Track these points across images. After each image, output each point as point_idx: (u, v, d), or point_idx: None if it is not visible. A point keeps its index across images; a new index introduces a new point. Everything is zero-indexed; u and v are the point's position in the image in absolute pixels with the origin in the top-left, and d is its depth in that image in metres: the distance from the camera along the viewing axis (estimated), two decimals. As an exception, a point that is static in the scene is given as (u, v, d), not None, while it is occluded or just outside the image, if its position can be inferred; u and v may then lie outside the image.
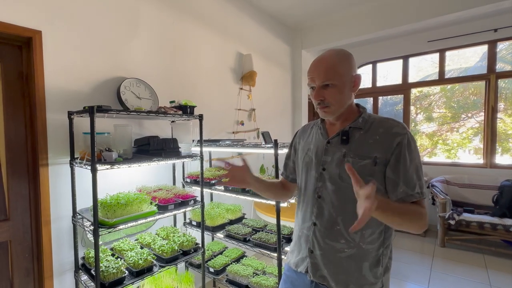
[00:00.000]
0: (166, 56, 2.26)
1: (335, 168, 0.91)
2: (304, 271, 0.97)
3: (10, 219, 1.54)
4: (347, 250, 0.90)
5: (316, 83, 0.91)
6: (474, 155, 4.08)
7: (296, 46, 3.95)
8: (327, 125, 1.01)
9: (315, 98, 0.92)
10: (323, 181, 0.94)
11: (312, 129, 1.08)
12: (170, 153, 1.79)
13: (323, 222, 0.93)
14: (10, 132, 1.54)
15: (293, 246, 1.07)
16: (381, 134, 0.88)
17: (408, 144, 0.85)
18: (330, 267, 0.92)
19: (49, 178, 1.61)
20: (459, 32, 3.80)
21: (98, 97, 1.82)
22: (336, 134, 0.95)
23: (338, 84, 0.89)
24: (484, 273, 2.81)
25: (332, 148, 0.94)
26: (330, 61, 0.90)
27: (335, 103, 0.91)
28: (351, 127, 0.93)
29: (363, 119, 0.93)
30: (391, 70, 4.63)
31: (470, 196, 3.67)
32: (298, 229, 1.03)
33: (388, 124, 0.89)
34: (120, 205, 1.51)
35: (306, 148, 1.04)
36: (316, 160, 0.97)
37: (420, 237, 3.80)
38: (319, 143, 0.99)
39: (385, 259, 0.93)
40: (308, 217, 0.98)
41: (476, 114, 4.06)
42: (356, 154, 0.89)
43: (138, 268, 1.57)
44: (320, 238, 0.93)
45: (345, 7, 3.34)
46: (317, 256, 0.94)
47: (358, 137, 0.91)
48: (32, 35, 1.53)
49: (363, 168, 0.87)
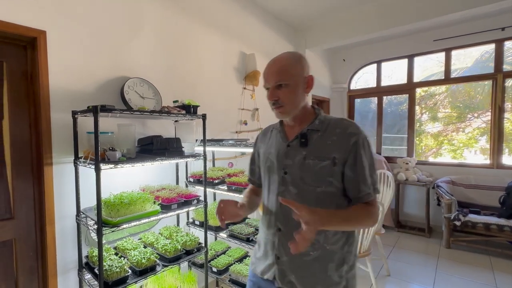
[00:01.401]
0: (170, 55, 2.26)
1: (297, 171, 0.92)
2: (271, 278, 0.96)
3: (14, 218, 1.55)
4: (312, 253, 0.91)
5: (270, 84, 0.94)
6: (480, 155, 4.03)
7: (300, 45, 3.93)
8: (286, 127, 1.02)
9: (269, 98, 0.95)
10: (285, 185, 0.94)
11: (272, 133, 1.08)
12: (173, 153, 1.79)
13: (288, 227, 0.92)
14: (15, 132, 1.55)
15: (258, 253, 1.05)
16: (338, 134, 0.91)
17: (363, 143, 0.89)
18: (297, 272, 0.92)
19: (53, 177, 1.62)
20: (465, 30, 3.76)
21: (102, 97, 1.83)
22: (295, 137, 0.96)
23: (291, 84, 0.92)
24: (491, 275, 2.77)
25: (293, 151, 0.95)
26: (283, 62, 0.94)
27: (289, 102, 0.93)
28: (309, 129, 0.95)
29: (320, 120, 0.96)
30: (395, 70, 4.59)
31: (476, 197, 3.62)
32: (264, 235, 1.02)
33: (343, 125, 0.92)
34: (124, 204, 1.52)
35: (268, 152, 1.04)
36: (278, 163, 0.97)
37: (425, 238, 3.77)
38: (279, 147, 0.99)
39: (350, 257, 0.94)
40: (272, 223, 0.97)
41: (482, 114, 4.01)
42: (316, 156, 0.90)
43: (141, 267, 1.57)
44: (286, 243, 0.91)
45: (349, 6, 3.32)
46: (284, 262, 0.94)
47: (316, 139, 0.93)
48: (36, 35, 1.54)
49: (323, 169, 0.89)
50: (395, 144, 4.68)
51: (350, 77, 4.97)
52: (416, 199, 4.20)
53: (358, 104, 5.04)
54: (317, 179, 0.89)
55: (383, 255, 2.84)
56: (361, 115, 5.06)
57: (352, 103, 5.02)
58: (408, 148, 4.39)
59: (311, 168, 0.90)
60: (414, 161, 4.13)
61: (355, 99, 5.01)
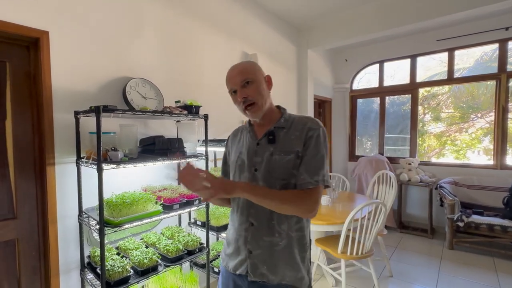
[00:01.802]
0: (172, 56, 2.27)
1: (266, 166, 0.99)
2: (244, 273, 1.01)
3: (17, 218, 1.56)
4: (281, 242, 0.98)
5: (237, 84, 1.00)
6: (484, 156, 4.00)
7: (302, 45, 3.93)
8: (255, 127, 1.09)
9: (239, 97, 0.99)
10: (256, 181, 1.00)
11: (242, 134, 1.15)
12: (175, 153, 1.79)
13: (260, 221, 0.99)
14: (18, 132, 1.56)
15: (228, 250, 1.09)
16: (300, 130, 1.00)
17: (318, 137, 0.97)
18: (269, 263, 0.98)
19: (56, 177, 1.63)
20: (469, 30, 3.74)
21: (104, 97, 1.84)
22: (264, 135, 1.03)
23: (257, 80, 1.00)
24: (494, 276, 2.75)
25: (262, 149, 1.02)
26: (243, 65, 1.03)
27: (259, 97, 1.00)
28: (275, 127, 1.02)
29: (285, 119, 1.04)
30: (398, 70, 4.57)
31: (479, 197, 3.59)
32: (235, 232, 1.06)
33: (304, 121, 1.02)
34: (126, 204, 1.52)
35: (238, 152, 1.09)
36: (248, 161, 1.03)
37: (427, 239, 3.75)
38: (250, 145, 1.06)
39: (307, 239, 1.04)
40: (244, 219, 1.02)
41: (485, 114, 3.98)
42: (282, 151, 0.98)
43: (143, 267, 1.57)
44: (258, 236, 0.99)
45: (352, 6, 3.31)
46: (256, 255, 0.99)
47: (282, 135, 1.01)
48: (39, 35, 1.54)
49: (289, 162, 0.96)
50: (397, 144, 4.66)
51: (353, 77, 4.96)
52: (418, 199, 4.18)
53: (360, 104, 5.02)
54: (283, 172, 0.96)
55: (385, 256, 2.82)
56: (363, 115, 5.04)
57: (354, 103, 5.00)
58: (410, 148, 4.37)
59: (278, 162, 0.97)
60: (416, 161, 4.11)
61: (357, 99, 4.99)
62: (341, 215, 2.45)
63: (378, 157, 4.25)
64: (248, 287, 1.01)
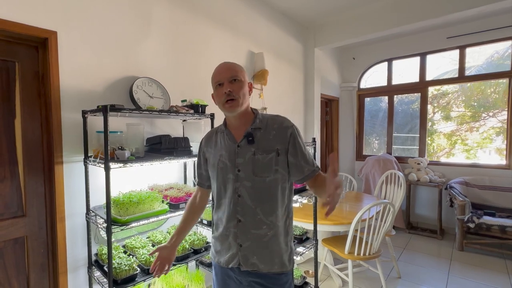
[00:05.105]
0: (178, 55, 2.27)
1: (249, 166, 1.05)
2: (236, 266, 1.09)
3: (26, 215, 1.58)
4: (269, 233, 1.06)
5: (226, 78, 1.06)
6: (496, 155, 3.91)
7: (309, 44, 3.89)
8: (232, 130, 1.13)
9: (224, 90, 1.05)
10: (240, 181, 1.07)
11: (217, 136, 1.19)
12: (181, 152, 1.79)
13: (247, 217, 1.06)
14: (27, 131, 1.58)
15: (218, 247, 1.15)
16: (276, 129, 1.08)
17: (297, 133, 1.09)
18: (258, 253, 1.06)
19: (64, 176, 1.64)
20: (480, 27, 3.65)
21: (111, 96, 1.85)
22: (244, 136, 1.09)
23: (242, 81, 1.08)
24: (506, 278, 2.68)
25: (243, 150, 1.08)
26: (233, 64, 1.10)
27: (241, 96, 1.06)
28: (253, 128, 1.08)
29: (259, 119, 1.11)
30: (406, 68, 4.49)
31: (491, 198, 3.51)
32: (224, 229, 1.12)
33: (278, 121, 1.11)
34: (133, 203, 1.53)
35: (218, 155, 1.13)
36: (231, 163, 1.09)
37: (437, 240, 3.68)
38: (230, 148, 1.10)
39: (291, 227, 1.14)
40: (232, 216, 1.09)
41: (498, 113, 3.88)
42: (263, 150, 1.05)
43: (150, 265, 1.57)
44: (247, 231, 1.06)
45: (360, 4, 3.26)
46: (246, 248, 1.07)
47: (260, 136, 1.08)
48: (48, 35, 1.56)
49: (271, 160, 1.05)
50: (406, 144, 4.59)
51: (360, 76, 4.90)
52: (427, 200, 4.11)
53: (367, 103, 4.96)
54: (266, 169, 1.04)
55: (393, 257, 2.78)
56: (371, 114, 4.98)
57: (362, 102, 4.94)
58: (420, 148, 4.30)
59: (260, 161, 1.04)
60: (426, 161, 4.04)
61: (365, 98, 4.93)
62: (348, 215, 2.42)
63: (386, 157, 4.19)
64: (240, 276, 1.10)
